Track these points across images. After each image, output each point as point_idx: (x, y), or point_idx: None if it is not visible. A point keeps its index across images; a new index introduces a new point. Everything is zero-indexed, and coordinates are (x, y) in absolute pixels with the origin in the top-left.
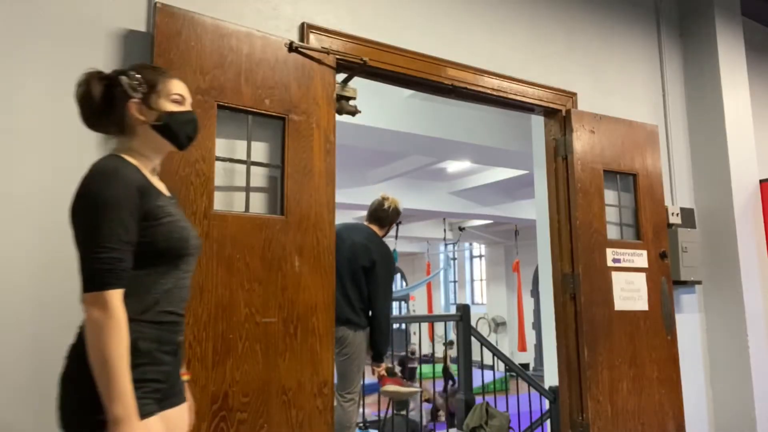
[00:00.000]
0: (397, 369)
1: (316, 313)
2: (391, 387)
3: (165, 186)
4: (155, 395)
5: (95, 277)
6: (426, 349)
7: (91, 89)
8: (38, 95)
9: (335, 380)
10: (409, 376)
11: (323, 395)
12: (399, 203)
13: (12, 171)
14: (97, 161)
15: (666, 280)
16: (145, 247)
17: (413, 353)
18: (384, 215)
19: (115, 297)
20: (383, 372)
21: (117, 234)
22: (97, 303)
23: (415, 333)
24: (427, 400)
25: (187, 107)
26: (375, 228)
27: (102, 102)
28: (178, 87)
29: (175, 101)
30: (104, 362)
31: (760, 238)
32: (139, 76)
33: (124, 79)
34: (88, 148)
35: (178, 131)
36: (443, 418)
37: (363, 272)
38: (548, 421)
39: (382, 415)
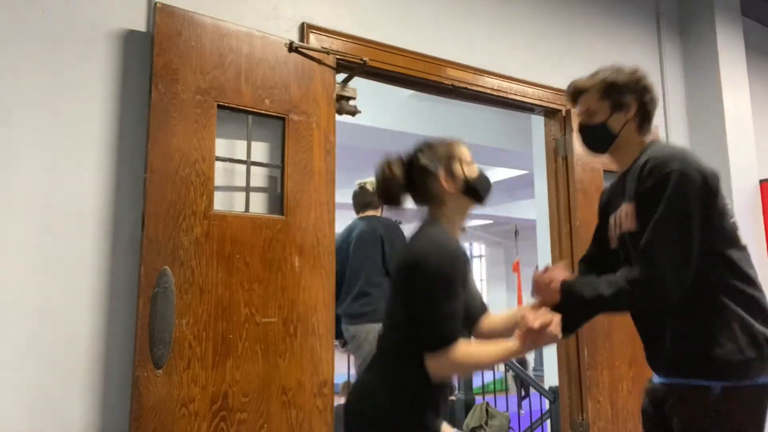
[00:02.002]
0: None
1: (316, 313)
2: None
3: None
4: None
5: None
6: None
7: (394, 172)
8: (38, 95)
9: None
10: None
11: (323, 395)
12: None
13: (11, 171)
14: (433, 233)
15: None
16: None
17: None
18: (373, 199)
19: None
20: None
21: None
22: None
23: None
24: None
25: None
26: (371, 213)
27: (404, 181)
28: (466, 149)
29: (469, 164)
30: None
31: (760, 238)
32: (435, 151)
33: (422, 158)
34: (87, 148)
35: (483, 192)
36: None
37: (373, 251)
38: (548, 421)
39: None
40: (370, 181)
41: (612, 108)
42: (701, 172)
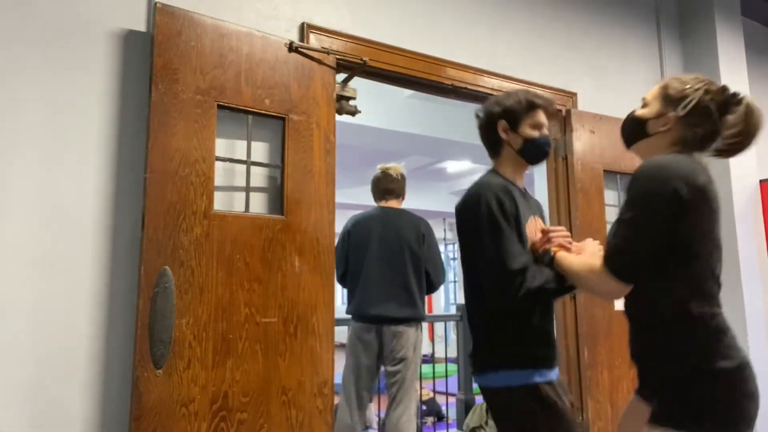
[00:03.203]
0: None
1: (316, 313)
2: None
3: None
4: None
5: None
6: (426, 349)
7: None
8: (38, 95)
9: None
10: None
11: (323, 395)
12: (401, 168)
13: (11, 170)
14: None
15: None
16: None
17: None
18: (396, 185)
19: None
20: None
21: None
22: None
23: None
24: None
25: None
26: (393, 203)
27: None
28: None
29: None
30: None
31: (760, 238)
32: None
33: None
34: (87, 148)
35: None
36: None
37: (417, 250)
38: None
39: (383, 415)
40: (393, 166)
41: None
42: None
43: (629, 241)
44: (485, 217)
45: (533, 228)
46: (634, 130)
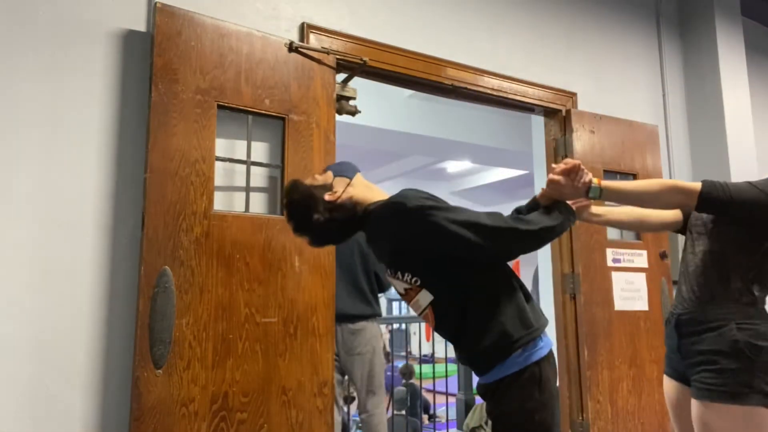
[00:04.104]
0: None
1: (316, 313)
2: None
3: None
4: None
5: None
6: (426, 349)
7: None
8: (38, 95)
9: (361, 393)
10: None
11: (323, 395)
12: None
13: (11, 170)
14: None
15: (666, 281)
16: None
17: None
18: None
19: None
20: None
21: None
22: None
23: (414, 333)
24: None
25: None
26: None
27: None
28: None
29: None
30: None
31: None
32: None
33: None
34: (87, 148)
35: None
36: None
37: (366, 250)
38: None
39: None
40: None
41: None
42: None
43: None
44: (424, 211)
45: None
46: None
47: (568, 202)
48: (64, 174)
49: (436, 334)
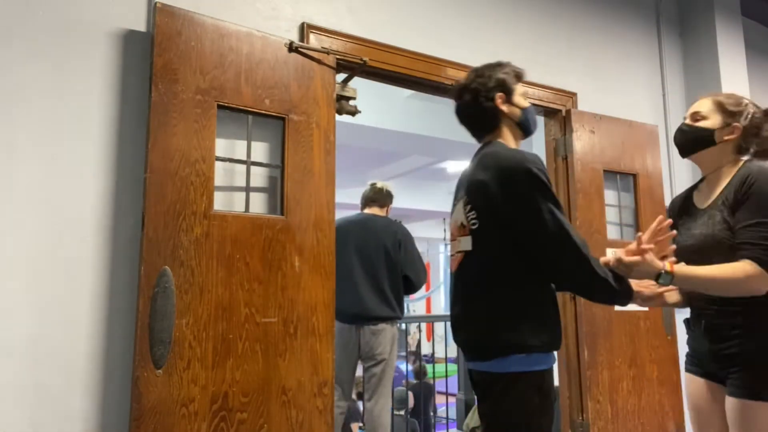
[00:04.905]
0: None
1: (316, 313)
2: None
3: None
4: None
5: None
6: (426, 349)
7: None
8: (38, 95)
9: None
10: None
11: (323, 395)
12: (390, 187)
13: (11, 170)
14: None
15: None
16: None
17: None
18: (379, 196)
19: None
20: None
21: None
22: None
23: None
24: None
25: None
26: (376, 210)
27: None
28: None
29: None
30: None
31: None
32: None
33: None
34: (87, 148)
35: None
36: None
37: (393, 254)
38: None
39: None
40: (382, 183)
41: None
42: None
43: None
44: (542, 190)
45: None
46: (700, 139)
47: (632, 281)
48: (64, 174)
49: (435, 335)
